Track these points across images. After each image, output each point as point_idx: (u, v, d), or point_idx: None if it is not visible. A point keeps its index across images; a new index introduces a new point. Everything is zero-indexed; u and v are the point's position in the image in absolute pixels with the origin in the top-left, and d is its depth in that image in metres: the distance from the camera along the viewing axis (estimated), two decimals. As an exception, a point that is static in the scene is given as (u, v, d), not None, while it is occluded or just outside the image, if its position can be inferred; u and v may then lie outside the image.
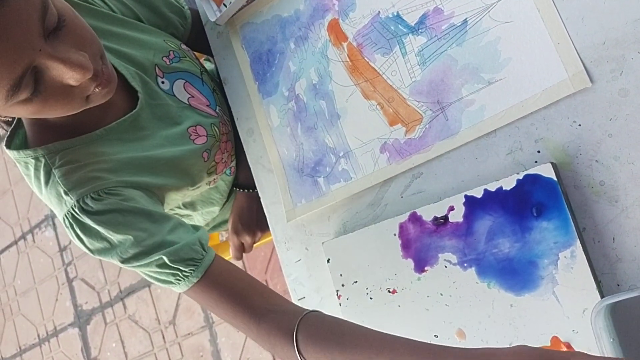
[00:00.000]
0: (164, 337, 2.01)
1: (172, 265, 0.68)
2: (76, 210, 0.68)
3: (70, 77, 0.56)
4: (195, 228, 0.75)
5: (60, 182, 0.69)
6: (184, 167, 0.81)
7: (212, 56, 0.95)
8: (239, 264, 1.77)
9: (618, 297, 0.50)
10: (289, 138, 0.82)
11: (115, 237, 0.69)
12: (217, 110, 0.89)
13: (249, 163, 0.87)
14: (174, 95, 0.83)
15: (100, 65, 0.61)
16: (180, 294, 1.39)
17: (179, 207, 0.96)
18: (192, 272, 0.68)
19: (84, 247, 0.72)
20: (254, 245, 1.03)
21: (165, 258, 0.68)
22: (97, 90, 0.61)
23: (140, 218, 0.69)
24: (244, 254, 1.04)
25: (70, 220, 0.70)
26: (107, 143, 0.73)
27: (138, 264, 0.70)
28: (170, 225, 0.71)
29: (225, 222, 1.09)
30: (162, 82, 0.82)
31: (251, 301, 0.67)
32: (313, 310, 0.65)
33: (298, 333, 0.62)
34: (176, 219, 0.73)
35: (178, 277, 0.69)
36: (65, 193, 0.69)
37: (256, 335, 0.67)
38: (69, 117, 0.65)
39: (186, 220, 1.08)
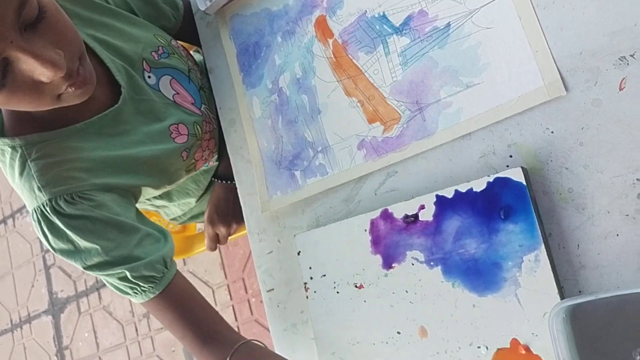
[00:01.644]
0: (137, 330, 1.99)
1: (133, 280, 0.71)
2: (47, 209, 0.68)
3: (41, 73, 0.56)
4: (164, 237, 0.76)
5: (35, 176, 0.68)
6: (162, 166, 0.81)
7: (201, 47, 0.95)
8: (216, 260, 1.77)
9: (576, 300, 0.51)
10: (270, 130, 0.82)
11: (82, 243, 0.69)
12: (202, 109, 0.89)
13: (229, 153, 0.87)
14: (160, 91, 0.83)
15: (77, 66, 0.60)
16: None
17: (155, 198, 0.96)
18: (150, 288, 0.71)
19: (47, 244, 0.72)
20: (229, 237, 1.03)
21: (127, 272, 0.70)
22: (70, 90, 0.61)
23: (109, 228, 0.70)
24: (220, 247, 1.04)
25: (39, 216, 0.69)
26: (86, 137, 0.72)
27: (100, 273, 0.71)
28: (139, 237, 0.72)
29: (202, 213, 1.08)
30: (149, 77, 0.82)
31: (199, 325, 0.72)
32: (250, 341, 0.71)
33: None
34: (144, 230, 0.74)
35: (136, 291, 0.72)
36: (39, 189, 0.68)
37: (199, 358, 0.73)
38: (49, 109, 0.65)
39: (161, 212, 1.08)
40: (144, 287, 0.71)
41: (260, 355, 0.70)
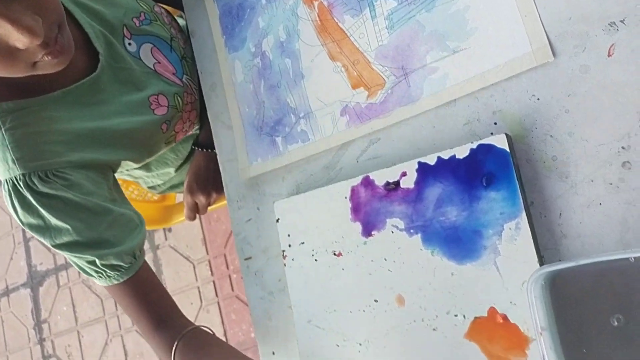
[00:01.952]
0: (116, 305, 1.97)
1: (100, 267, 0.71)
2: (20, 183, 0.67)
3: (17, 39, 0.54)
4: (138, 223, 0.76)
5: (9, 147, 0.66)
6: (141, 138, 0.79)
7: (184, 12, 0.92)
8: (198, 236, 1.75)
9: (556, 266, 0.50)
10: (251, 95, 0.80)
11: (52, 221, 0.68)
12: (183, 79, 0.87)
13: (209, 119, 0.85)
14: (140, 59, 0.80)
15: (55, 34, 0.58)
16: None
17: (133, 168, 0.94)
18: (115, 275, 0.72)
19: (15, 216, 0.71)
20: (209, 207, 1.01)
21: (96, 259, 0.71)
22: (46, 58, 0.59)
23: (81, 209, 0.70)
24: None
25: (10, 188, 0.68)
26: (63, 106, 0.70)
27: (69, 254, 0.71)
28: (110, 218, 0.72)
29: (182, 183, 1.07)
30: (129, 44, 0.79)
31: (153, 312, 0.74)
32: (198, 327, 0.73)
33: (177, 347, 0.70)
34: (117, 212, 0.73)
35: (101, 275, 0.72)
36: (13, 161, 0.66)
37: (151, 343, 0.75)
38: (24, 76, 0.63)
39: (140, 181, 1.06)
40: (109, 273, 0.72)
41: (207, 341, 0.72)
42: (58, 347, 2.16)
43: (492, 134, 0.61)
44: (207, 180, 0.96)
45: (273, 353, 0.75)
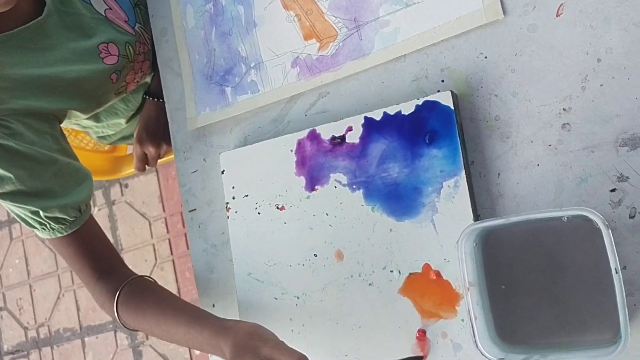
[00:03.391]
0: (70, 259, 1.94)
1: (44, 218, 0.69)
2: None
3: None
4: (85, 178, 0.74)
5: None
6: (89, 88, 0.76)
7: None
8: (154, 193, 1.72)
9: (486, 223, 0.50)
10: (202, 42, 0.77)
11: None
12: (136, 28, 0.83)
13: (159, 65, 0.82)
14: (90, 4, 0.76)
15: None
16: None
17: (82, 119, 0.91)
18: (60, 228, 0.70)
19: None
20: (159, 159, 0.99)
21: (40, 211, 0.68)
22: None
23: (25, 158, 0.68)
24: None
25: None
26: (7, 51, 0.67)
27: (13, 204, 0.69)
28: (55, 168, 0.70)
29: (134, 134, 1.03)
30: None
31: (96, 262, 0.72)
32: (142, 277, 0.72)
33: (120, 295, 0.69)
34: (62, 161, 0.71)
35: (44, 228, 0.70)
36: None
37: (92, 292, 0.73)
38: None
39: (89, 132, 1.03)
40: (53, 226, 0.70)
41: (150, 289, 0.71)
42: (9, 300, 2.12)
43: (439, 91, 0.60)
44: (157, 131, 0.93)
45: (213, 305, 0.75)
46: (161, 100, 0.92)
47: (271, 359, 0.55)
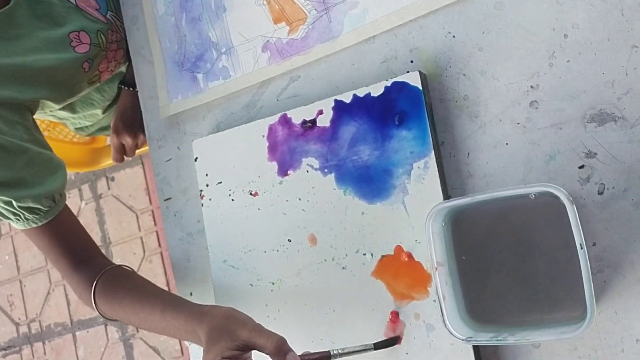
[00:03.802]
0: (59, 254, 1.93)
1: (17, 208, 0.68)
2: None
3: None
4: (58, 168, 0.73)
5: None
6: (60, 77, 0.75)
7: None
8: (141, 185, 1.72)
9: (451, 202, 0.50)
10: (172, 29, 0.76)
11: None
12: (108, 16, 0.82)
13: (130, 53, 0.81)
14: None
15: None
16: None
17: (57, 110, 0.89)
18: (34, 219, 0.69)
19: None
20: (137, 150, 0.98)
21: (13, 201, 0.67)
22: None
23: None
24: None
25: None
26: None
27: None
28: (26, 157, 0.69)
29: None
30: None
31: (75, 254, 0.72)
32: (120, 266, 0.71)
33: (97, 285, 0.68)
34: (34, 151, 0.70)
35: (19, 218, 0.69)
36: None
37: (70, 283, 0.73)
38: None
39: (66, 123, 1.02)
40: (27, 216, 0.69)
41: (127, 278, 0.70)
42: (0, 296, 2.12)
43: (408, 72, 0.59)
44: (133, 121, 0.92)
45: (191, 294, 0.74)
46: (137, 90, 0.91)
47: (249, 341, 0.54)
